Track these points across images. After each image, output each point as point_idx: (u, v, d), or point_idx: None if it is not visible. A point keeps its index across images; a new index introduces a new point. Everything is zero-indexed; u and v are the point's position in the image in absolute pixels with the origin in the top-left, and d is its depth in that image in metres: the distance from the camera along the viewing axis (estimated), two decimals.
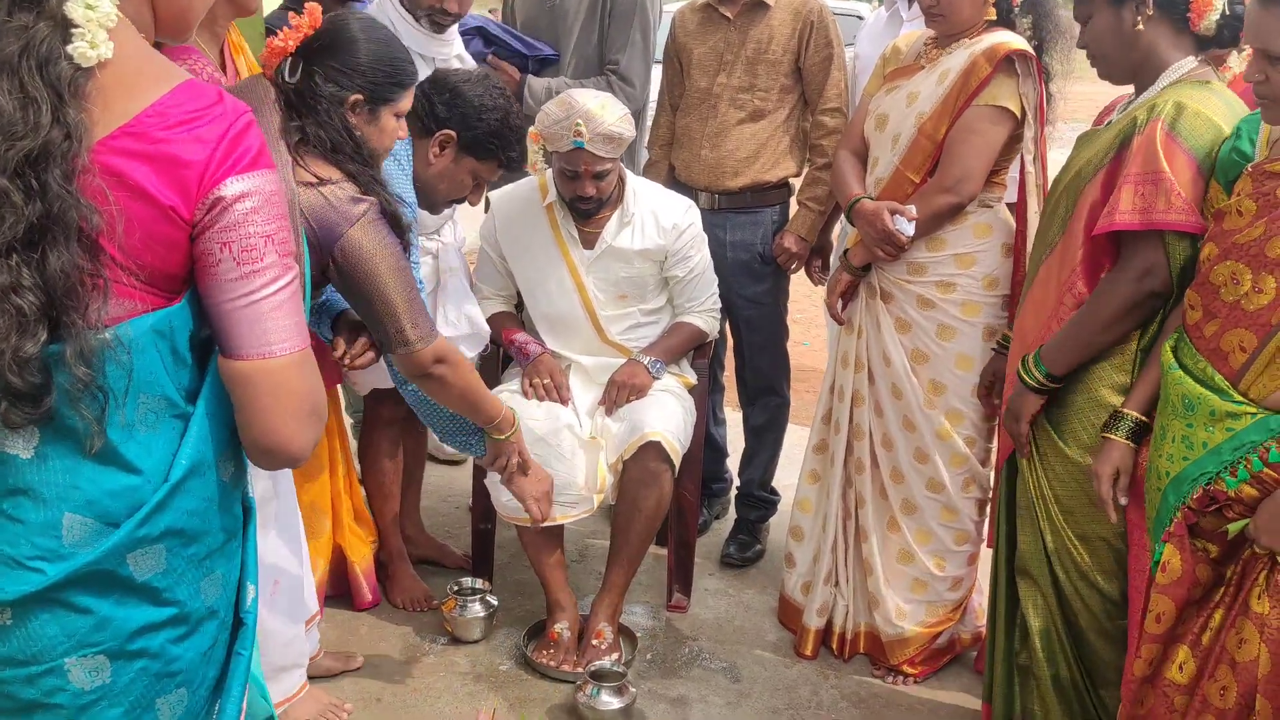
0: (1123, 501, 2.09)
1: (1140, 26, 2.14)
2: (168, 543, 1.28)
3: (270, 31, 3.19)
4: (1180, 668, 1.90)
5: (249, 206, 1.24)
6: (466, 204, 2.76)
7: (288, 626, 2.49)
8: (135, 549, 1.25)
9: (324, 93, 2.03)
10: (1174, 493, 1.88)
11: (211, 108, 1.23)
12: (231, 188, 1.23)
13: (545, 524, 2.86)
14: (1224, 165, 1.95)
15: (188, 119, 1.21)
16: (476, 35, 3.38)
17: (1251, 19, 1.81)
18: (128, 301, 1.23)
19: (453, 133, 2.51)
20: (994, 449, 2.75)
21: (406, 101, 2.17)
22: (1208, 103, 2.06)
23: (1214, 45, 2.17)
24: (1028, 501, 2.32)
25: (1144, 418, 2.07)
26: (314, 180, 1.97)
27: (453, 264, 2.97)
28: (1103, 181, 2.16)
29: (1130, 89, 2.28)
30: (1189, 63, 2.15)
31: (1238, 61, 2.26)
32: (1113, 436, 2.09)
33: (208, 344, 1.32)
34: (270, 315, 1.27)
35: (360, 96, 2.07)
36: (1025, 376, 2.23)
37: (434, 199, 2.59)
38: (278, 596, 2.45)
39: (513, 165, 2.64)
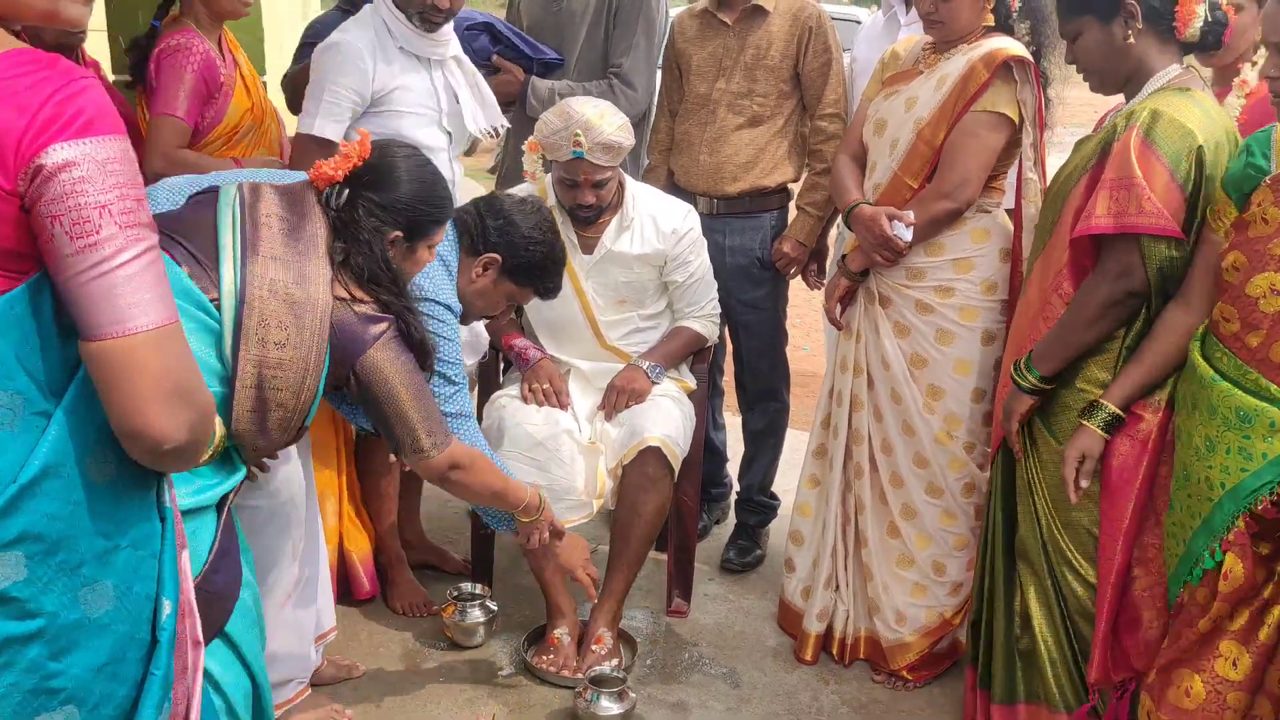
0: (1084, 484, 2.21)
1: (1131, 40, 2.21)
2: (26, 549, 1.22)
3: (312, 40, 3.23)
4: (1234, 664, 1.93)
5: (76, 176, 1.17)
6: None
7: (292, 643, 2.49)
8: None
9: (366, 225, 2.08)
10: (1232, 502, 1.91)
11: (35, 73, 1.18)
12: (54, 156, 1.16)
13: None
14: (1237, 180, 2.00)
15: (4, 90, 1.16)
16: (483, 31, 3.37)
17: (1270, 14, 1.89)
18: None
19: (498, 257, 2.59)
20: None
21: (440, 235, 2.25)
22: (1184, 110, 2.13)
23: (1199, 49, 2.25)
24: (1023, 488, 2.40)
25: (1120, 412, 2.18)
26: (348, 297, 2.03)
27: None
28: (1085, 187, 2.25)
29: (1122, 97, 2.33)
30: (1173, 69, 2.23)
31: (1252, 74, 2.30)
32: (1087, 424, 2.21)
33: None
34: (117, 291, 1.20)
35: (400, 234, 2.13)
36: (1019, 379, 2.32)
37: (467, 312, 2.67)
38: (286, 612, 2.45)
39: (548, 295, 2.72)
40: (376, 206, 2.10)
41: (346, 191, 2.09)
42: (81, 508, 1.27)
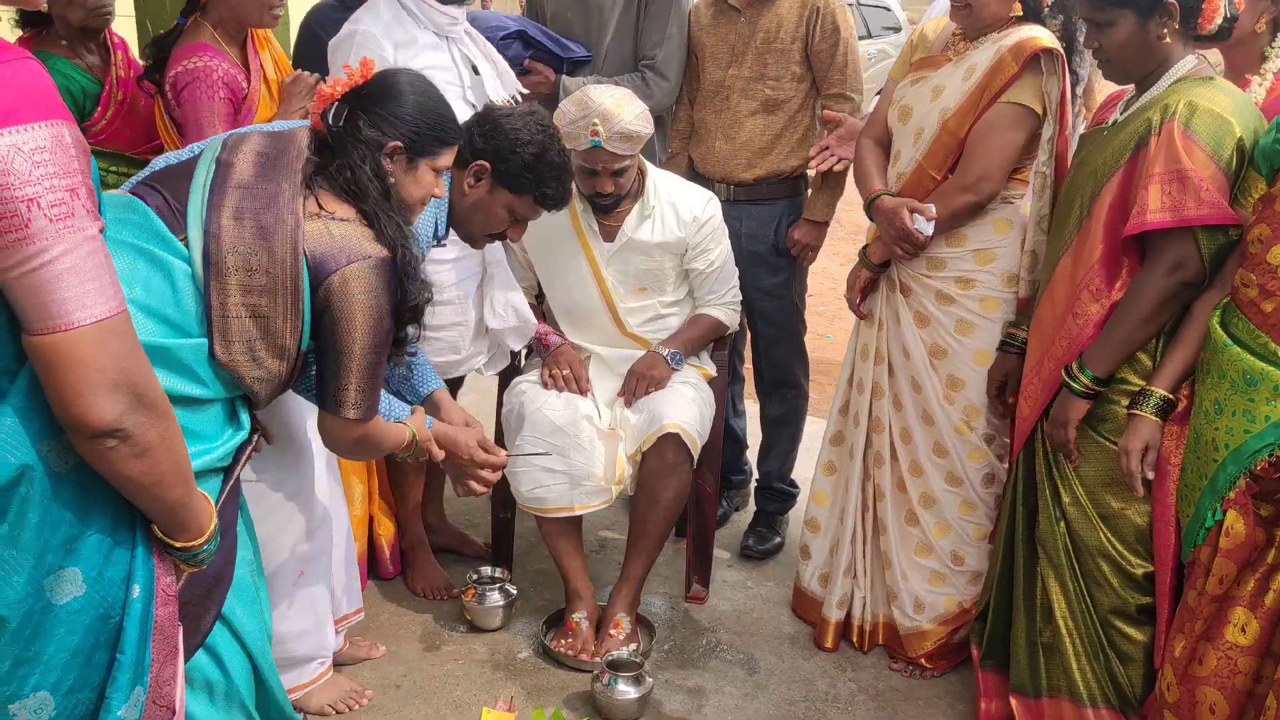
0: (1149, 476, 2.19)
1: (1167, 39, 2.21)
2: None
3: (310, 32, 3.23)
4: (1243, 630, 1.99)
5: None
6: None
7: (307, 621, 2.48)
8: None
9: (365, 137, 2.00)
10: (1235, 462, 1.98)
11: None
12: None
13: (565, 515, 2.89)
14: (1267, 154, 2.03)
15: None
16: (516, 39, 3.36)
17: None
18: None
19: (487, 164, 2.48)
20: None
21: (446, 159, 2.13)
22: (1217, 100, 2.14)
23: (1208, 40, 2.25)
24: (1043, 482, 2.40)
25: (1170, 395, 2.17)
26: (320, 212, 1.89)
27: (496, 254, 2.99)
28: (1120, 182, 2.24)
29: (1129, 86, 2.35)
30: (1189, 61, 2.23)
31: (1259, 80, 2.30)
32: (1141, 413, 2.19)
33: None
34: (50, 286, 1.17)
35: (400, 144, 2.04)
36: (1072, 383, 2.29)
37: (470, 231, 2.56)
38: (299, 589, 2.45)
39: (549, 203, 2.57)
40: (379, 118, 2.02)
41: (347, 110, 2.01)
42: (43, 496, 1.26)
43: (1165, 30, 2.20)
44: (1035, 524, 2.46)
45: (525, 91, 3.28)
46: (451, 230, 2.64)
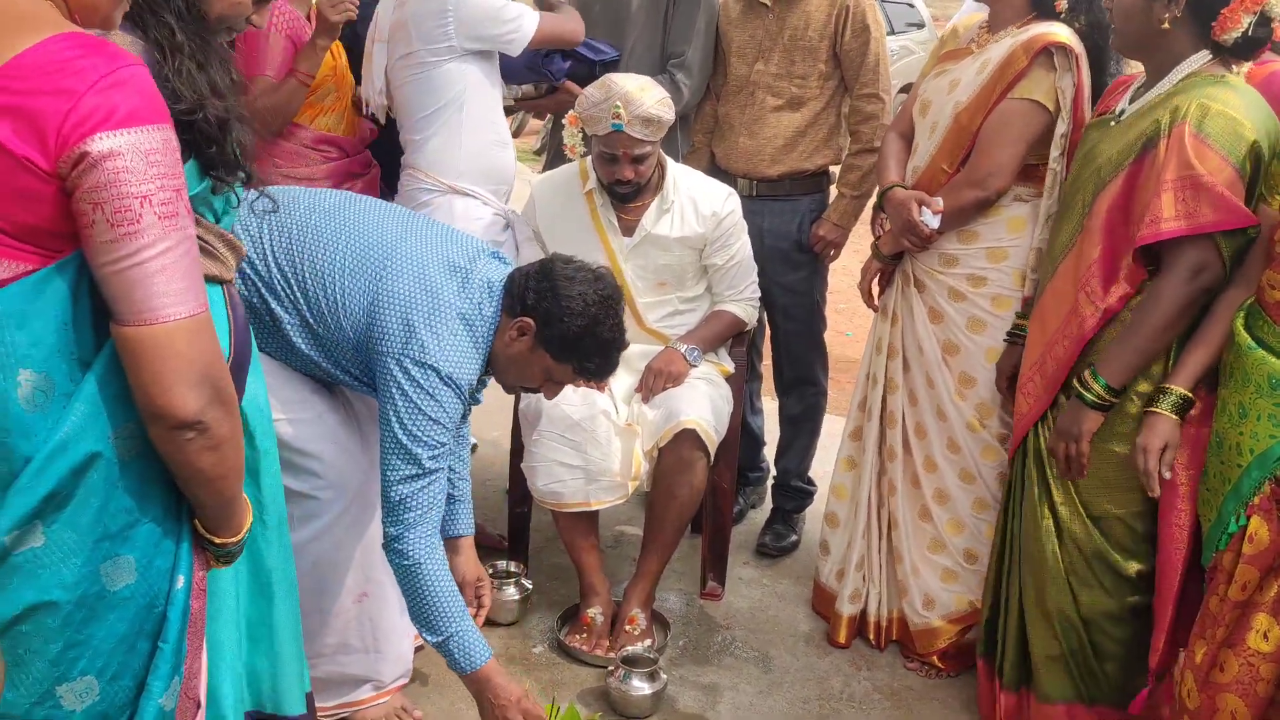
0: (1166, 475, 2.15)
1: (1166, 25, 2.17)
2: (45, 522, 1.26)
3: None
4: (1265, 636, 1.95)
5: (119, 166, 1.20)
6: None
7: (363, 639, 2.45)
8: (9, 531, 1.23)
9: None
10: (1259, 468, 1.94)
11: (79, 59, 1.20)
12: (98, 145, 1.19)
13: (581, 509, 2.89)
14: None
15: (51, 72, 1.19)
16: (558, 52, 3.31)
17: None
18: (9, 263, 1.22)
19: (532, 323, 2.27)
20: None
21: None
22: (1230, 101, 2.10)
23: (1226, 54, 2.19)
24: (1036, 482, 2.38)
25: (1189, 393, 2.13)
26: None
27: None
28: (1123, 183, 2.21)
29: (1139, 68, 2.34)
30: (1203, 56, 2.18)
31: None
32: (1160, 411, 2.15)
33: None
34: (151, 280, 1.23)
35: None
36: (1085, 393, 2.24)
37: (505, 381, 2.43)
38: (358, 608, 2.42)
39: (589, 375, 2.38)
40: None
41: None
42: (107, 483, 1.29)
43: (1168, 17, 2.15)
44: (1023, 521, 2.44)
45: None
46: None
